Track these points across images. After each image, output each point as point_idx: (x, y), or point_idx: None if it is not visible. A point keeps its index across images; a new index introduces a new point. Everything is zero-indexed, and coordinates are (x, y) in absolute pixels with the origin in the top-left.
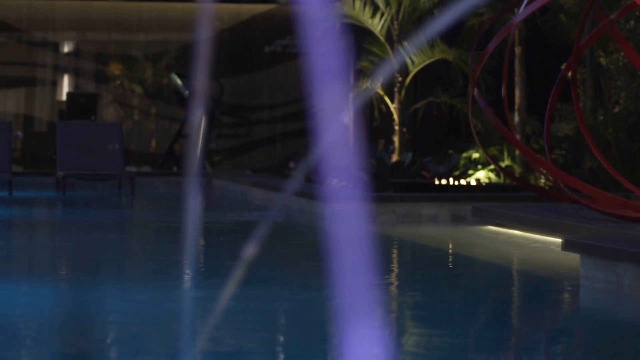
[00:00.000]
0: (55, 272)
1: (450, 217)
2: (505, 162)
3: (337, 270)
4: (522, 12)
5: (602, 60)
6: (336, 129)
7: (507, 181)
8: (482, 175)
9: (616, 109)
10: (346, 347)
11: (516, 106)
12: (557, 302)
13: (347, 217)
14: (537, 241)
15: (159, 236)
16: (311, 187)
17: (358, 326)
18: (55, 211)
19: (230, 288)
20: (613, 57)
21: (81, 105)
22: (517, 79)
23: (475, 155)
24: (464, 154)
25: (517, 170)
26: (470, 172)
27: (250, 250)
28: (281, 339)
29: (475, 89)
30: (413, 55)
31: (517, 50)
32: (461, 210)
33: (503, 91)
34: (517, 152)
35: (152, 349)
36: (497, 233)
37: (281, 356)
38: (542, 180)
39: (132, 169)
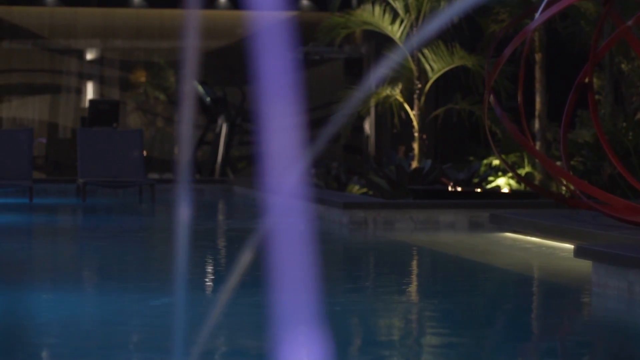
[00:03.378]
0: (77, 279)
1: (468, 224)
2: (526, 169)
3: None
4: (538, 18)
5: (624, 67)
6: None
7: (527, 188)
8: (503, 182)
9: (638, 116)
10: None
11: (537, 113)
12: (568, 309)
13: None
14: (553, 248)
15: (169, 244)
16: (330, 193)
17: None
18: (74, 218)
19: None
20: (635, 64)
21: (103, 112)
22: (537, 86)
23: (496, 162)
24: (484, 161)
25: (538, 177)
26: (491, 179)
27: (247, 256)
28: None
29: (491, 96)
30: (432, 62)
31: (538, 56)
32: (479, 217)
33: (519, 98)
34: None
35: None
36: (514, 240)
37: None
38: (564, 187)
39: (155, 175)
